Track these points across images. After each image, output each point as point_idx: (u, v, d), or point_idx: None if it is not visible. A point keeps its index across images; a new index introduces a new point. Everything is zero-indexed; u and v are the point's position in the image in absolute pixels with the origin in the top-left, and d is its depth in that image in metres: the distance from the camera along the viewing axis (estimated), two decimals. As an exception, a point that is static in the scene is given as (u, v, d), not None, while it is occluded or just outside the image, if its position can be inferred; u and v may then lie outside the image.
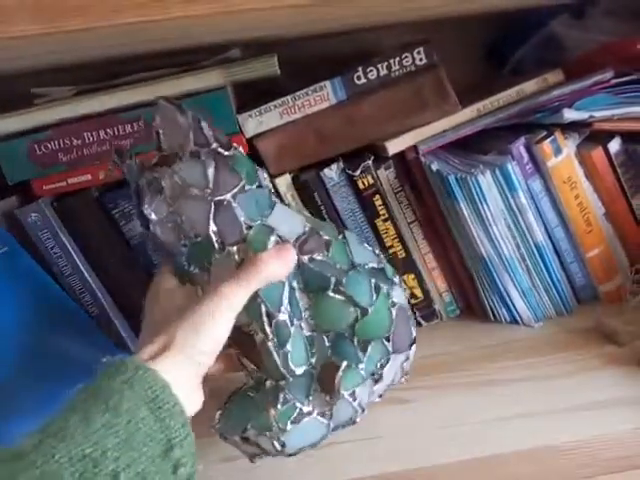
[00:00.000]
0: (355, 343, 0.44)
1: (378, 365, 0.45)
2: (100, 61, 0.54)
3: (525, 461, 0.44)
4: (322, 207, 0.60)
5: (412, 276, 0.63)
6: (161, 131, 0.43)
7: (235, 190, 0.43)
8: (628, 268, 0.61)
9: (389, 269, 0.47)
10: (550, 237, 0.60)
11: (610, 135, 0.58)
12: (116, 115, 0.56)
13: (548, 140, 0.56)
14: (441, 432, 0.48)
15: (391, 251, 0.62)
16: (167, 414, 0.32)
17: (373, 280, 0.45)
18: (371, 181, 0.59)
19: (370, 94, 0.58)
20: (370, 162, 0.59)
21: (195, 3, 0.30)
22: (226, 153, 0.43)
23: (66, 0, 0.30)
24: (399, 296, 0.46)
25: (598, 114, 0.55)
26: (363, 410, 0.45)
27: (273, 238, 0.42)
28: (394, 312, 0.45)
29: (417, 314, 0.64)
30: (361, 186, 0.59)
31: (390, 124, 0.58)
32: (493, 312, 0.62)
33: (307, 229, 0.45)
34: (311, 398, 0.44)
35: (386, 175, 0.60)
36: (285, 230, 0.44)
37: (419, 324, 0.64)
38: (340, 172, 0.59)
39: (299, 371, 0.43)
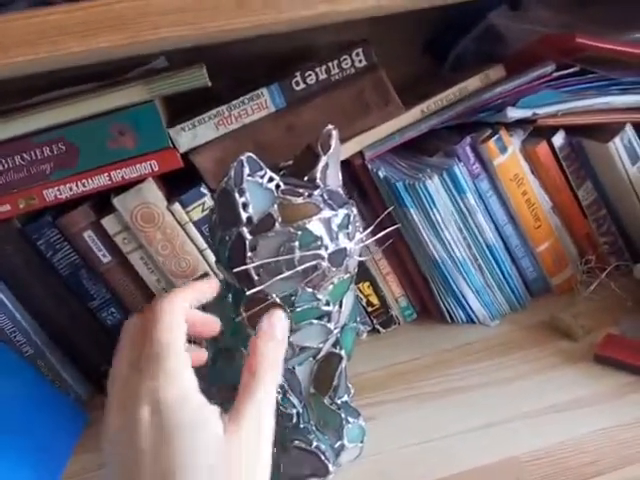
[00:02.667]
0: None
1: None
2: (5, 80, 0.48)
3: (491, 476, 0.43)
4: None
5: (367, 284, 0.61)
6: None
7: None
8: (578, 259, 0.62)
9: None
10: (500, 235, 0.59)
11: (554, 129, 0.58)
12: (31, 138, 0.50)
13: (493, 139, 0.55)
14: (407, 450, 0.46)
15: (343, 260, 0.59)
16: None
17: None
18: (317, 191, 0.56)
19: (310, 100, 0.55)
20: (315, 171, 0.56)
21: (94, 36, 0.26)
22: None
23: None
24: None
25: (542, 111, 0.54)
26: None
27: None
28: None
29: (375, 321, 0.63)
30: (307, 197, 0.57)
31: (333, 130, 0.56)
32: (449, 313, 0.61)
33: None
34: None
35: (332, 183, 0.57)
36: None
37: (377, 331, 0.63)
38: (284, 183, 0.56)
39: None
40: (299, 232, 0.36)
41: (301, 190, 0.38)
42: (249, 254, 0.36)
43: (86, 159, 0.51)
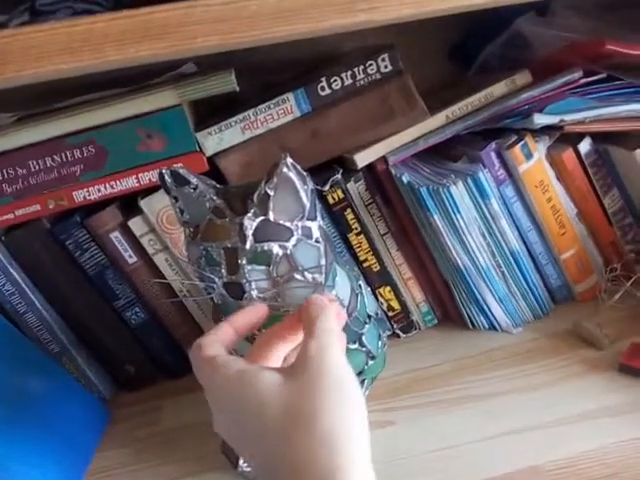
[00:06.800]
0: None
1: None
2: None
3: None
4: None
5: (388, 288, 0.61)
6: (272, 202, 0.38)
7: (330, 274, 0.42)
8: (603, 267, 0.61)
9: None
10: (524, 241, 0.59)
11: (580, 135, 0.58)
12: (62, 140, 0.51)
13: (519, 145, 0.55)
14: (427, 457, 0.46)
15: (365, 265, 0.60)
16: None
17: (380, 331, 0.51)
18: (341, 195, 0.57)
19: (335, 105, 0.55)
20: (339, 176, 0.56)
21: (136, 45, 0.27)
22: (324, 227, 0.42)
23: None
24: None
25: (569, 118, 0.53)
26: None
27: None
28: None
29: (395, 326, 0.62)
30: (331, 201, 0.57)
31: (357, 135, 0.56)
32: (471, 320, 0.61)
33: (350, 290, 0.46)
34: None
35: (356, 188, 0.57)
36: (343, 296, 0.45)
37: (397, 336, 0.63)
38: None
39: None
40: (205, 252, 0.38)
41: (229, 212, 0.38)
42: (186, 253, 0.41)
43: (114, 162, 0.52)
